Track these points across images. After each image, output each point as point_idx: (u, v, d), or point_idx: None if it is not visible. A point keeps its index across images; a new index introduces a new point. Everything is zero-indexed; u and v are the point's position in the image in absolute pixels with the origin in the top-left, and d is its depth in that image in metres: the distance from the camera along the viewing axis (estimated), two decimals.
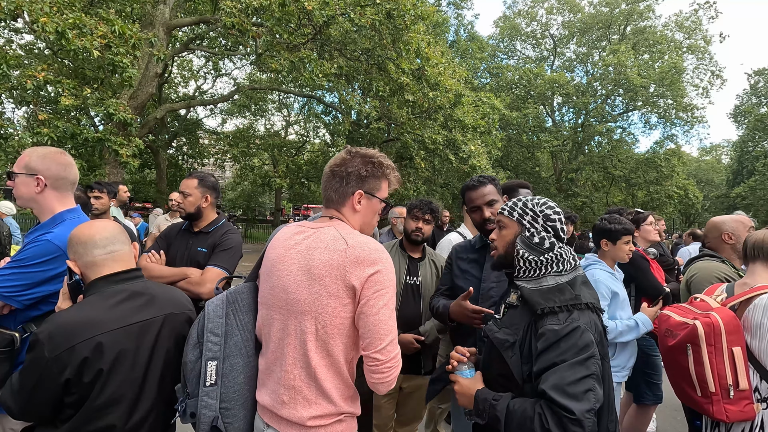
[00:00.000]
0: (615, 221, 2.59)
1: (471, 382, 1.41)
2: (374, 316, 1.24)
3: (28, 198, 1.72)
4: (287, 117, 25.24)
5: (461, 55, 24.63)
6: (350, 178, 1.38)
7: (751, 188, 25.38)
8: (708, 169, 41.56)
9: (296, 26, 9.27)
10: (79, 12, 6.55)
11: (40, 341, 1.24)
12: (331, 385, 1.29)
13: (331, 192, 1.40)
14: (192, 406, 1.35)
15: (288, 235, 1.40)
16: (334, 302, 1.26)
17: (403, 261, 2.63)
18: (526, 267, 1.39)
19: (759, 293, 1.70)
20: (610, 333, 2.44)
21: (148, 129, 10.71)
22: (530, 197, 1.47)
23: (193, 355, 1.37)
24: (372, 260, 1.26)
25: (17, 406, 1.29)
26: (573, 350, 1.18)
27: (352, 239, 1.30)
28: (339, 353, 1.29)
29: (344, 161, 1.40)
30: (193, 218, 2.47)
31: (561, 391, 1.14)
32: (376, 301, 1.25)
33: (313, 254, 1.29)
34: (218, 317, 1.38)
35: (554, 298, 1.28)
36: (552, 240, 1.38)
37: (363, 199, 1.40)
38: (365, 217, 1.44)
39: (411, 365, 2.56)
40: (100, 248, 1.41)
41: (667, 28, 25.58)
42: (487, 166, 13.47)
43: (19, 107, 11.68)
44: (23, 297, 1.59)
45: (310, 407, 1.27)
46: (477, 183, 2.11)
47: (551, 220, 1.39)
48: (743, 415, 1.65)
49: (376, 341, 1.24)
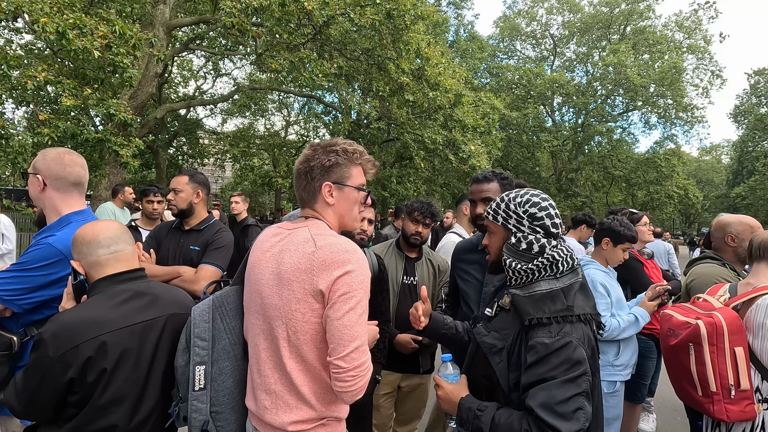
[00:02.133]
0: (625, 226, 2.60)
1: (455, 387, 1.35)
2: (338, 321, 1.17)
3: (35, 197, 1.73)
4: (287, 117, 25.21)
5: (461, 55, 24.63)
6: (314, 173, 1.32)
7: (751, 188, 25.41)
8: (708, 169, 41.60)
9: (296, 26, 9.26)
10: (79, 12, 6.55)
11: (44, 340, 1.25)
12: (308, 390, 1.25)
13: (301, 192, 1.36)
14: (184, 409, 1.35)
15: (266, 238, 1.37)
16: (303, 307, 1.21)
17: (399, 261, 2.64)
18: (515, 276, 1.29)
19: (762, 293, 1.70)
20: (613, 330, 2.44)
21: (148, 129, 10.70)
22: (513, 194, 1.33)
23: (183, 360, 1.38)
24: (340, 262, 1.19)
25: (21, 406, 1.30)
26: (564, 366, 1.12)
27: (322, 240, 1.23)
28: (314, 359, 1.24)
29: (307, 158, 1.35)
30: (184, 215, 2.47)
31: (550, 410, 1.09)
32: (341, 305, 1.17)
33: (283, 257, 1.25)
34: (204, 322, 1.37)
35: (545, 307, 1.19)
36: (542, 242, 1.25)
37: (334, 190, 1.33)
38: (342, 209, 1.37)
39: (409, 364, 2.57)
40: (104, 248, 1.41)
41: (667, 28, 25.59)
42: (487, 166, 13.45)
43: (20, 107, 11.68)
44: (23, 301, 1.57)
45: (291, 412, 1.24)
46: (482, 178, 2.10)
47: (538, 219, 1.27)
48: (744, 415, 1.65)
49: (339, 347, 1.17)
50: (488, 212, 1.39)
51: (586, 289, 1.29)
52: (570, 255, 1.29)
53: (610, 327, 2.45)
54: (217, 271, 2.31)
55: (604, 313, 2.48)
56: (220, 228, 2.50)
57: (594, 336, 1.24)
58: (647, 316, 2.52)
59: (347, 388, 1.18)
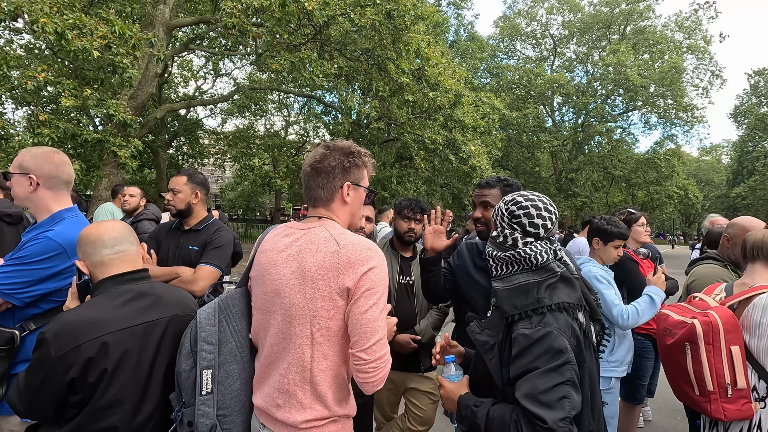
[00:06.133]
0: (612, 223, 2.61)
1: (456, 386, 1.39)
2: (362, 315, 1.23)
3: (24, 197, 1.73)
4: (287, 117, 25.22)
5: (461, 55, 24.65)
6: (335, 172, 1.37)
7: (751, 188, 25.41)
8: (708, 169, 41.58)
9: (296, 26, 9.27)
10: (79, 12, 6.55)
11: (47, 340, 1.25)
12: (326, 389, 1.28)
13: (317, 190, 1.38)
14: (189, 414, 1.34)
15: (277, 238, 1.38)
16: (329, 305, 1.25)
17: (395, 261, 2.63)
18: (494, 264, 1.37)
19: (758, 293, 1.70)
20: (632, 315, 2.40)
21: (148, 129, 10.71)
22: (509, 196, 1.43)
23: (187, 365, 1.36)
24: (364, 259, 1.25)
25: (23, 405, 1.30)
26: (546, 356, 1.14)
27: (344, 240, 1.29)
28: (335, 354, 1.29)
29: (325, 156, 1.38)
30: (183, 215, 2.47)
31: (534, 399, 1.11)
32: (365, 300, 1.23)
33: (304, 257, 1.28)
34: (211, 325, 1.37)
35: (516, 302, 1.25)
36: (515, 236, 1.33)
37: (351, 190, 1.40)
38: (354, 209, 1.44)
39: (410, 364, 2.57)
40: (109, 248, 1.42)
41: (666, 28, 25.62)
42: (487, 166, 13.48)
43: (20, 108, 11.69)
44: (24, 294, 1.59)
45: (304, 411, 1.27)
46: (484, 183, 2.10)
47: (515, 217, 1.35)
48: (741, 414, 1.65)
49: (362, 340, 1.22)
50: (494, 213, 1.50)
51: (570, 281, 1.30)
52: (545, 251, 1.31)
53: (629, 313, 2.41)
54: (215, 271, 2.30)
55: (616, 303, 2.44)
56: (219, 227, 2.50)
57: (581, 326, 1.25)
58: (661, 293, 2.47)
59: (369, 379, 1.23)
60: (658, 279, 2.54)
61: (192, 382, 1.35)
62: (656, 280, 2.54)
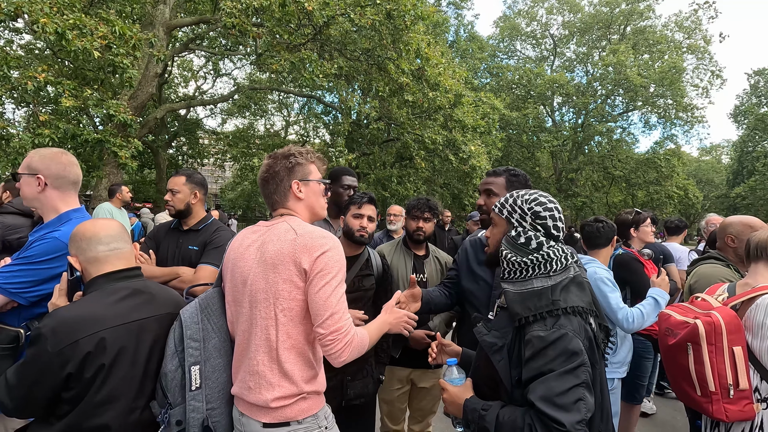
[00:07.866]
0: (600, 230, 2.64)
1: (460, 390, 1.36)
2: (316, 294, 1.35)
3: (32, 197, 1.75)
4: (287, 117, 25.20)
5: (461, 55, 24.62)
6: (281, 175, 1.52)
7: (751, 188, 25.38)
8: (708, 169, 41.53)
9: (296, 27, 9.26)
10: (79, 12, 6.55)
11: (43, 335, 1.25)
12: (292, 366, 1.38)
13: (272, 196, 1.54)
14: (177, 414, 1.37)
15: (245, 235, 1.53)
16: (289, 287, 1.37)
17: (408, 259, 2.68)
18: (510, 268, 1.30)
19: (761, 293, 1.70)
20: (637, 319, 2.39)
21: (148, 129, 10.70)
22: (523, 192, 1.36)
23: (173, 365, 1.41)
24: (319, 245, 1.38)
25: (12, 402, 1.28)
26: (561, 358, 1.12)
27: (302, 229, 1.42)
28: (299, 333, 1.39)
29: (269, 166, 1.54)
30: (182, 215, 2.48)
31: (550, 402, 1.09)
32: (319, 280, 1.35)
33: (266, 247, 1.41)
34: (195, 323, 1.45)
35: (530, 305, 1.21)
36: (541, 239, 1.27)
37: (301, 186, 1.54)
38: (310, 201, 1.57)
39: (421, 360, 2.59)
40: (104, 245, 1.43)
41: (666, 28, 25.57)
42: (487, 166, 13.45)
43: (20, 108, 11.69)
44: (30, 294, 1.61)
45: (273, 389, 1.35)
46: (491, 172, 2.12)
47: (541, 218, 1.28)
48: (743, 414, 1.64)
49: (317, 317, 1.35)
50: (496, 205, 1.42)
51: (581, 284, 1.28)
52: (565, 256, 1.29)
53: (634, 317, 2.39)
54: (216, 270, 2.30)
55: (621, 306, 2.42)
56: (219, 227, 2.50)
57: (591, 328, 1.23)
58: (666, 295, 2.45)
59: (329, 351, 1.35)
60: (662, 281, 2.53)
61: (179, 381, 1.40)
62: (660, 282, 2.52)
